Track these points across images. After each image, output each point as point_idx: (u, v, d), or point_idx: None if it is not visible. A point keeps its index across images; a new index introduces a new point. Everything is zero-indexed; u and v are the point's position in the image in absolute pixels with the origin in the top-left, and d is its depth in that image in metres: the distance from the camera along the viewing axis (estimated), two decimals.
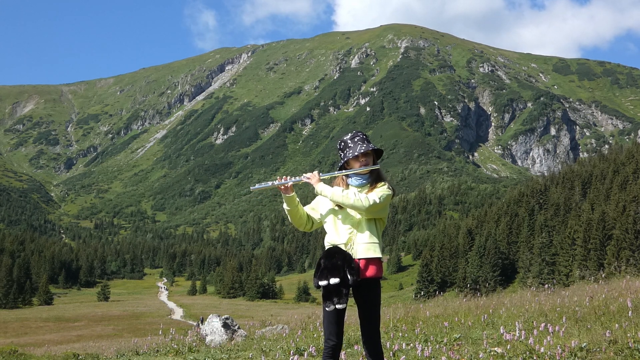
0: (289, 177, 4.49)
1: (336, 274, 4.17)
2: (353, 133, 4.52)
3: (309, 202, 4.71)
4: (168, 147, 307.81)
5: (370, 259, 4.30)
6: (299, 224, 4.56)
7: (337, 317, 4.27)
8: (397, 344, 6.69)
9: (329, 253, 4.29)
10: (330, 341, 4.29)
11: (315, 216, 4.58)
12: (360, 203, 4.23)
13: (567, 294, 10.21)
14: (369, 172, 4.45)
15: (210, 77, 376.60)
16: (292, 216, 4.52)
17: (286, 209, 4.52)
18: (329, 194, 4.34)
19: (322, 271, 4.24)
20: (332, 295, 4.20)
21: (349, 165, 4.48)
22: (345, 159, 4.45)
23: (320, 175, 4.46)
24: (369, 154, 4.45)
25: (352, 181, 4.46)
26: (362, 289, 4.31)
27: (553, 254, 66.88)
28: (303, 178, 4.47)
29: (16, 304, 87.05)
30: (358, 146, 4.41)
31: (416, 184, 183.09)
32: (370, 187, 4.42)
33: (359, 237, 4.32)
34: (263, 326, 11.66)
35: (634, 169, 72.25)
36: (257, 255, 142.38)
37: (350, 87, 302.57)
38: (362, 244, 4.30)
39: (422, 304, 12.39)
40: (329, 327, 4.30)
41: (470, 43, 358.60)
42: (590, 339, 6.15)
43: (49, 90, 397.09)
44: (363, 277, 4.27)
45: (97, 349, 17.52)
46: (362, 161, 4.42)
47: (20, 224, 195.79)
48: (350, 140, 4.48)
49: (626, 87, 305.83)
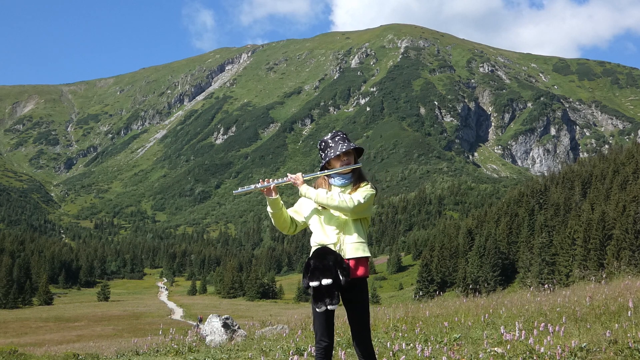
0: (271, 179, 4.45)
1: (328, 274, 4.13)
2: (333, 133, 4.50)
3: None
4: (168, 147, 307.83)
5: (359, 259, 4.28)
6: (282, 227, 4.52)
7: (328, 318, 4.25)
8: (397, 344, 6.69)
9: (319, 253, 4.25)
10: (323, 342, 4.26)
11: (299, 219, 4.54)
12: (345, 204, 4.21)
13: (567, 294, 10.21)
14: (350, 171, 4.42)
15: (210, 77, 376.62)
16: (275, 219, 4.47)
17: (270, 212, 4.46)
18: (313, 196, 4.30)
19: (313, 272, 4.19)
20: (323, 296, 4.15)
21: (330, 165, 4.45)
22: (326, 158, 4.42)
23: (304, 176, 4.41)
24: (350, 152, 4.41)
25: (334, 181, 4.43)
26: (351, 289, 4.27)
27: (553, 254, 66.86)
28: (286, 179, 4.43)
29: (16, 304, 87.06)
30: (339, 145, 4.39)
31: (416, 184, 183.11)
32: (353, 186, 4.39)
33: (347, 237, 4.29)
34: (263, 326, 11.65)
35: (634, 169, 72.24)
36: (257, 255, 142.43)
37: (350, 87, 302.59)
38: (350, 244, 4.28)
39: (422, 304, 12.39)
40: (320, 328, 4.27)
41: (470, 43, 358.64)
42: (590, 338, 6.15)
43: (49, 90, 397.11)
44: (353, 276, 4.24)
45: (97, 349, 17.52)
46: (344, 160, 4.39)
47: (20, 224, 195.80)
48: (330, 140, 4.45)
49: (626, 87, 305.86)
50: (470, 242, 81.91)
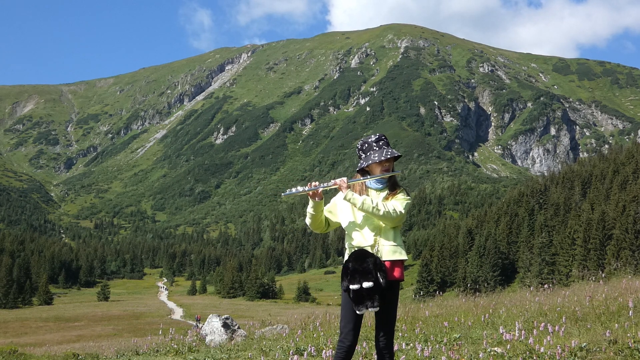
0: (318, 183, 4.47)
1: (369, 277, 4.15)
2: (377, 136, 4.50)
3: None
4: (168, 147, 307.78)
5: (395, 261, 4.31)
6: (317, 227, 4.56)
7: (358, 319, 4.28)
8: (397, 344, 6.69)
9: (358, 256, 4.25)
10: (347, 341, 4.28)
11: (333, 219, 4.57)
12: (389, 215, 4.24)
13: (566, 294, 10.20)
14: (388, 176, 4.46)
15: (210, 77, 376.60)
16: (313, 220, 4.51)
17: (311, 212, 4.49)
18: (358, 203, 4.29)
19: (353, 274, 4.20)
20: (364, 299, 4.17)
21: (369, 167, 4.45)
22: (368, 161, 4.41)
23: (348, 181, 4.42)
24: (391, 159, 4.43)
25: (371, 184, 4.45)
26: (386, 291, 4.28)
27: (553, 254, 66.89)
28: (331, 184, 4.43)
29: (16, 304, 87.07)
30: (384, 151, 4.39)
31: (416, 183, 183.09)
32: (390, 192, 4.41)
33: (384, 240, 4.32)
34: (263, 326, 11.65)
35: (634, 169, 72.27)
36: (257, 255, 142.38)
37: (350, 87, 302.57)
38: (387, 246, 4.31)
39: (422, 304, 12.38)
40: (347, 327, 4.28)
41: (470, 43, 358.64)
42: (590, 338, 6.15)
43: (49, 90, 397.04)
44: (390, 278, 4.26)
45: (97, 349, 17.51)
46: (385, 166, 4.40)
47: (20, 224, 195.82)
48: (375, 144, 4.45)
49: (626, 87, 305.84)
50: (470, 242, 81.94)
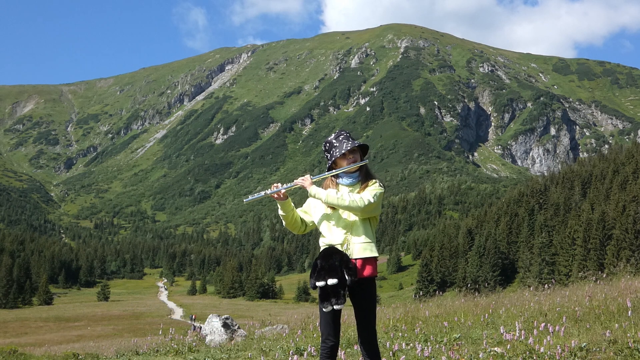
0: (280, 184, 4.46)
1: (334, 274, 4.15)
2: (337, 132, 4.51)
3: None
4: (168, 147, 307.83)
5: (366, 259, 4.28)
6: (293, 227, 4.56)
7: (334, 317, 4.27)
8: (397, 344, 6.68)
9: (326, 253, 4.27)
10: (329, 341, 4.30)
11: (308, 219, 4.57)
12: (355, 204, 4.22)
13: (566, 294, 10.20)
14: (358, 169, 4.43)
15: (210, 77, 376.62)
16: (287, 221, 4.52)
17: (281, 214, 4.51)
18: (323, 197, 4.30)
19: (319, 272, 4.21)
20: (329, 296, 4.18)
21: (336, 164, 4.46)
22: (332, 158, 4.42)
23: (312, 177, 4.42)
24: (355, 150, 4.42)
25: (342, 181, 4.44)
26: (358, 289, 4.29)
27: (553, 254, 66.90)
28: (295, 183, 4.43)
29: (16, 304, 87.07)
30: (344, 144, 4.39)
31: (416, 184, 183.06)
32: (362, 185, 4.40)
33: (355, 237, 4.30)
34: (263, 326, 11.64)
35: (634, 169, 72.24)
36: (257, 255, 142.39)
37: (350, 87, 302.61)
38: (358, 244, 4.29)
39: (421, 304, 12.38)
40: (326, 327, 4.30)
41: (470, 43, 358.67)
42: (590, 338, 6.15)
43: (49, 90, 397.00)
44: (360, 276, 4.24)
45: (97, 349, 17.52)
46: (350, 158, 4.39)
47: (20, 224, 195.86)
48: (335, 140, 4.45)
49: (626, 87, 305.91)
50: (470, 242, 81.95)
